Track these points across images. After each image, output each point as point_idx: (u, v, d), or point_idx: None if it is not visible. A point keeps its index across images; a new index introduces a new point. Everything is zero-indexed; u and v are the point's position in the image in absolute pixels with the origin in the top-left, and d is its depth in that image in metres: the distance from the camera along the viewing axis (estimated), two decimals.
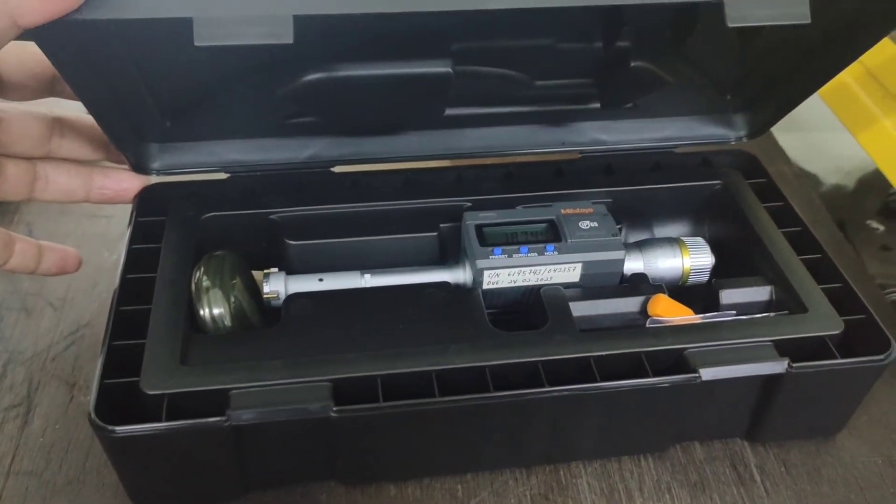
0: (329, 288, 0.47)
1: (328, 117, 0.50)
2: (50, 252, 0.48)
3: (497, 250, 0.46)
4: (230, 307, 0.44)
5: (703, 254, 0.50)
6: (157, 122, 0.49)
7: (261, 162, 0.53)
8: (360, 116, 0.51)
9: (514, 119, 0.55)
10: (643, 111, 0.56)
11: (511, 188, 0.53)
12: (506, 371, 0.42)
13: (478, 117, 0.54)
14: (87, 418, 0.38)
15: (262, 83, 0.46)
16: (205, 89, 0.47)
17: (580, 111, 0.55)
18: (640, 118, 0.56)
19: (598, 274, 0.47)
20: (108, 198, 0.51)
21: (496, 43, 0.47)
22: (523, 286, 0.47)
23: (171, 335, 0.42)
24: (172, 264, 0.46)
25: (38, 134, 0.47)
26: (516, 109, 0.54)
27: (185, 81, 0.46)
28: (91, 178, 0.50)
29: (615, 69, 0.49)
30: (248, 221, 0.50)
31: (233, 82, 0.46)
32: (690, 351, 0.43)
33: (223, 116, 0.50)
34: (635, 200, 0.54)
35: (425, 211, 0.51)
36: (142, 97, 0.46)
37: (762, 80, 0.53)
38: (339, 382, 0.40)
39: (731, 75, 0.53)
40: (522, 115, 0.55)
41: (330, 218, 0.50)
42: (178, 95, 0.47)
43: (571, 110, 0.55)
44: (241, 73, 0.46)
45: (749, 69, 0.52)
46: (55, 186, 0.49)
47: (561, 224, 0.48)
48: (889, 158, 0.66)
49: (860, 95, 0.69)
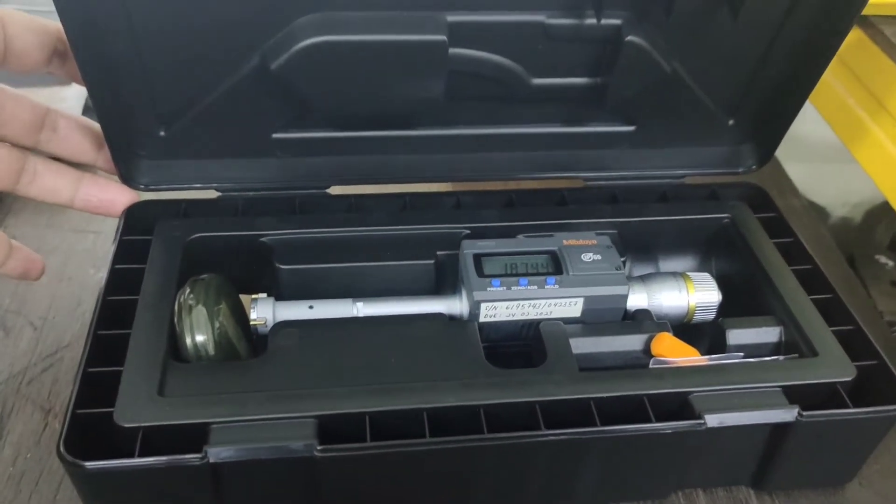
0: (319, 316, 0.45)
1: (322, 102, 0.47)
2: (18, 252, 0.46)
3: (495, 282, 0.45)
4: (214, 334, 0.42)
5: (709, 290, 0.48)
6: (152, 126, 0.48)
7: (253, 180, 0.51)
8: (356, 102, 0.48)
9: (516, 143, 0.53)
10: (648, 139, 0.54)
11: (511, 216, 0.51)
12: (501, 411, 0.39)
13: (478, 139, 0.52)
14: None
15: (258, 73, 0.45)
16: (201, 84, 0.46)
17: (583, 136, 0.53)
18: (646, 147, 0.55)
19: (600, 309, 0.45)
20: (93, 206, 0.49)
21: (491, 17, 0.45)
22: (522, 320, 0.45)
23: (149, 363, 0.40)
24: (156, 287, 0.44)
25: (29, 120, 0.46)
26: (518, 131, 0.52)
27: (183, 74, 0.45)
28: (79, 183, 0.48)
29: (609, 49, 0.47)
30: (238, 243, 0.48)
31: (229, 70, 0.45)
32: (696, 395, 0.41)
33: (217, 129, 0.49)
34: (640, 232, 0.52)
35: (422, 237, 0.49)
36: (141, 93, 0.45)
37: (761, 95, 0.52)
38: (324, 419, 0.38)
39: (730, 94, 0.52)
40: (524, 138, 0.53)
41: (323, 242, 0.48)
42: (175, 92, 0.46)
43: (574, 134, 0.53)
44: (237, 53, 0.44)
45: (748, 83, 0.51)
46: (41, 183, 0.47)
47: (563, 256, 0.46)
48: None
49: (869, 125, 0.67)
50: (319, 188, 0.52)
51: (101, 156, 0.49)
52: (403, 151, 0.52)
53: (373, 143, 0.52)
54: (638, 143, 0.54)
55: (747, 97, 0.52)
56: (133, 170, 0.50)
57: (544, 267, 0.46)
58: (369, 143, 0.52)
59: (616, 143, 0.54)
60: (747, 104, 0.53)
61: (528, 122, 0.53)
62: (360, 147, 0.52)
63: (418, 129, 0.52)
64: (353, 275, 0.48)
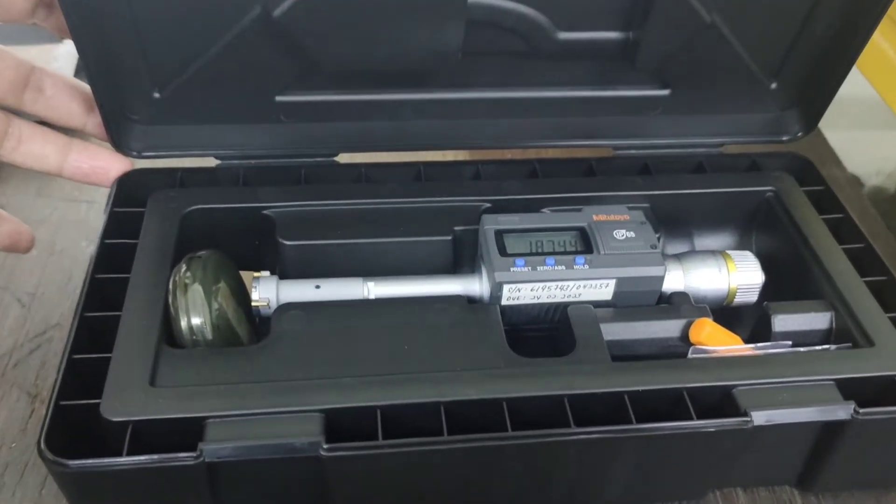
0: (326, 297, 0.41)
1: (329, 56, 0.43)
2: (4, 223, 0.43)
3: (519, 262, 0.41)
4: (212, 316, 0.39)
5: (752, 270, 0.44)
6: (145, 87, 0.44)
7: (255, 147, 0.47)
8: (366, 55, 0.43)
9: (540, 108, 0.49)
10: (683, 104, 0.50)
11: (535, 188, 0.47)
12: (526, 405, 0.36)
13: (499, 104, 0.48)
14: None
15: (260, 23, 0.41)
16: (199, 37, 0.42)
17: (613, 101, 0.49)
18: (680, 113, 0.50)
19: (633, 292, 0.41)
20: (83, 174, 0.46)
21: None
22: (547, 303, 0.41)
23: (141, 350, 0.36)
24: (149, 264, 0.41)
25: (13, 78, 0.42)
26: (541, 94, 0.48)
27: (178, 25, 0.41)
28: (68, 149, 0.45)
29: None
30: (238, 217, 0.45)
31: (229, 21, 0.41)
32: (740, 389, 0.37)
33: (216, 90, 0.45)
34: (675, 206, 0.48)
35: (438, 211, 0.45)
36: (132, 48, 0.42)
37: (806, 54, 0.47)
38: (331, 413, 0.35)
39: (773, 53, 0.47)
40: (548, 102, 0.49)
41: (331, 215, 0.45)
42: (169, 47, 0.42)
43: (603, 98, 0.49)
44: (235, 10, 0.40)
45: (791, 42, 0.46)
46: (27, 149, 0.43)
47: (593, 233, 0.42)
48: None
49: None
50: (327, 156, 0.48)
51: (91, 120, 0.46)
52: (418, 116, 0.48)
53: (385, 106, 0.47)
54: (672, 108, 0.50)
55: (791, 57, 0.48)
56: (125, 135, 0.46)
57: (572, 245, 0.42)
58: (381, 107, 0.47)
59: (648, 109, 0.50)
60: (791, 65, 0.48)
61: (552, 84, 0.48)
62: (371, 111, 0.47)
63: (434, 92, 0.47)
64: (362, 251, 0.44)
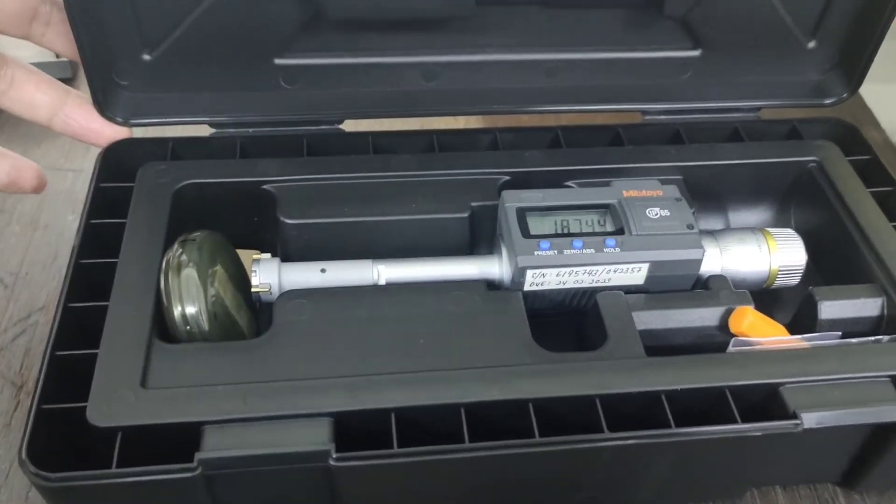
0: (333, 283, 0.38)
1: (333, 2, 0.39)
2: (2, 158, 0.39)
3: (544, 244, 0.37)
4: (208, 305, 0.35)
5: (795, 249, 0.41)
6: (134, 48, 0.40)
7: (253, 113, 0.43)
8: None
9: (561, 70, 0.45)
10: (716, 65, 0.46)
11: (559, 158, 0.43)
12: (554, 406, 0.33)
13: (515, 66, 0.44)
14: None
15: None
16: None
17: (640, 62, 0.45)
18: (713, 75, 0.46)
19: (668, 276, 0.38)
20: (73, 130, 0.41)
21: None
22: (574, 288, 0.38)
23: (130, 345, 0.33)
24: (138, 247, 0.37)
25: (16, 10, 0.38)
26: (562, 56, 0.44)
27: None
28: (63, 101, 0.41)
29: None
30: (236, 192, 0.41)
31: None
32: (788, 387, 0.34)
33: (210, 51, 0.41)
34: (709, 178, 0.44)
35: (453, 185, 0.41)
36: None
37: (844, 12, 0.44)
38: (341, 417, 0.32)
39: (810, 10, 0.44)
40: (570, 64, 0.45)
41: (337, 190, 0.41)
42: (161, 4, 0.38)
43: (629, 60, 0.45)
44: None
45: None
46: (18, 94, 0.40)
47: (623, 210, 0.39)
48: None
49: None
50: (331, 123, 0.44)
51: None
52: (430, 79, 0.44)
53: (394, 69, 0.43)
54: (703, 70, 0.46)
55: (829, 12, 0.44)
56: (112, 100, 0.42)
57: (601, 224, 0.39)
58: (389, 70, 0.43)
59: (678, 71, 0.46)
60: (830, 22, 0.44)
61: (575, 45, 0.44)
62: (379, 74, 0.43)
63: (447, 54, 0.43)
64: (371, 230, 0.40)
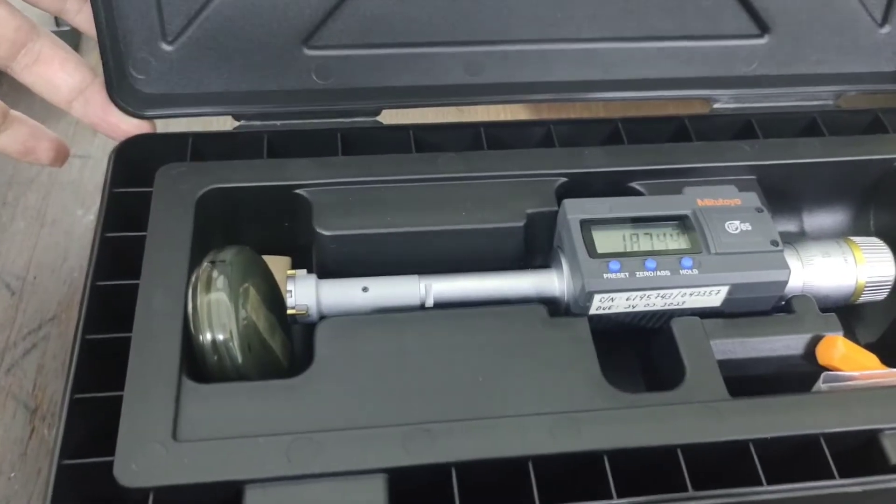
0: (377, 303, 0.34)
1: None
2: (17, 126, 0.36)
3: (613, 265, 0.33)
4: (240, 335, 0.31)
5: (883, 262, 0.37)
6: (154, 34, 0.36)
7: (281, 105, 0.39)
8: None
9: (621, 56, 0.41)
10: (787, 51, 0.41)
11: (621, 157, 0.39)
12: (629, 457, 0.29)
13: (570, 56, 0.40)
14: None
15: None
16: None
17: (706, 48, 0.41)
18: (785, 61, 0.42)
19: (748, 298, 0.34)
20: (90, 118, 0.38)
21: None
22: (643, 311, 0.34)
23: (158, 386, 0.30)
24: (161, 267, 0.33)
25: None
26: (621, 46, 0.40)
27: None
28: (87, 86, 0.37)
29: None
30: (265, 197, 0.37)
31: None
32: (888, 433, 0.30)
33: (233, 38, 0.37)
34: (785, 178, 0.40)
35: (506, 188, 0.37)
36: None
37: None
38: (396, 474, 0.28)
39: None
40: (632, 53, 0.40)
41: (377, 195, 0.37)
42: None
43: (695, 46, 0.40)
44: None
45: None
46: (41, 70, 0.37)
47: (699, 223, 0.35)
48: None
49: None
50: (368, 115, 0.40)
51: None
52: (473, 72, 0.40)
53: (434, 59, 0.39)
54: (773, 55, 0.42)
55: None
56: (127, 91, 0.38)
57: (675, 240, 0.35)
58: (429, 60, 0.39)
59: (747, 56, 0.42)
60: None
61: (634, 32, 0.40)
62: (419, 63, 0.39)
63: (497, 44, 0.39)
64: (416, 241, 0.36)
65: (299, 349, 0.36)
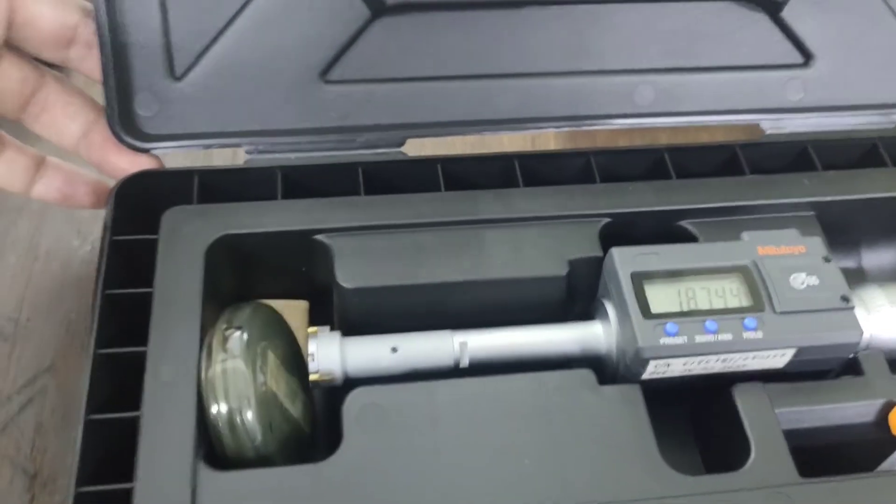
0: (407, 364, 0.31)
1: None
2: (54, 171, 0.36)
3: (670, 328, 0.30)
4: (260, 413, 0.28)
5: None
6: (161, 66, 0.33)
7: (295, 135, 0.36)
8: None
9: (664, 80, 0.37)
10: (832, 73, 0.38)
11: (670, 194, 0.36)
12: None
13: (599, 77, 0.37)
14: None
15: None
16: None
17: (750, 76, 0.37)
18: (831, 84, 0.39)
19: (814, 360, 0.31)
20: (91, 160, 0.36)
21: None
22: (699, 374, 0.31)
23: (172, 477, 0.27)
24: (170, 329, 0.30)
25: (54, 31, 0.33)
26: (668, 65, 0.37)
27: None
28: (91, 129, 0.35)
29: None
30: (281, 244, 0.33)
31: None
32: None
33: (245, 65, 0.33)
34: (844, 213, 0.37)
35: (546, 232, 0.34)
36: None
37: None
38: None
39: None
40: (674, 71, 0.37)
41: (404, 241, 0.33)
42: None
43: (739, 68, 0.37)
44: None
45: None
46: (46, 118, 0.35)
47: (762, 276, 0.32)
48: None
49: None
50: (392, 145, 0.36)
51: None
52: (507, 90, 0.36)
53: (462, 85, 0.35)
54: (822, 82, 0.38)
55: None
56: (130, 123, 0.34)
57: (735, 295, 0.31)
58: (456, 87, 0.36)
59: (794, 87, 0.38)
60: None
61: (679, 54, 0.37)
62: (443, 92, 0.36)
63: (534, 71, 0.35)
64: (448, 294, 0.33)
65: (321, 407, 0.33)
